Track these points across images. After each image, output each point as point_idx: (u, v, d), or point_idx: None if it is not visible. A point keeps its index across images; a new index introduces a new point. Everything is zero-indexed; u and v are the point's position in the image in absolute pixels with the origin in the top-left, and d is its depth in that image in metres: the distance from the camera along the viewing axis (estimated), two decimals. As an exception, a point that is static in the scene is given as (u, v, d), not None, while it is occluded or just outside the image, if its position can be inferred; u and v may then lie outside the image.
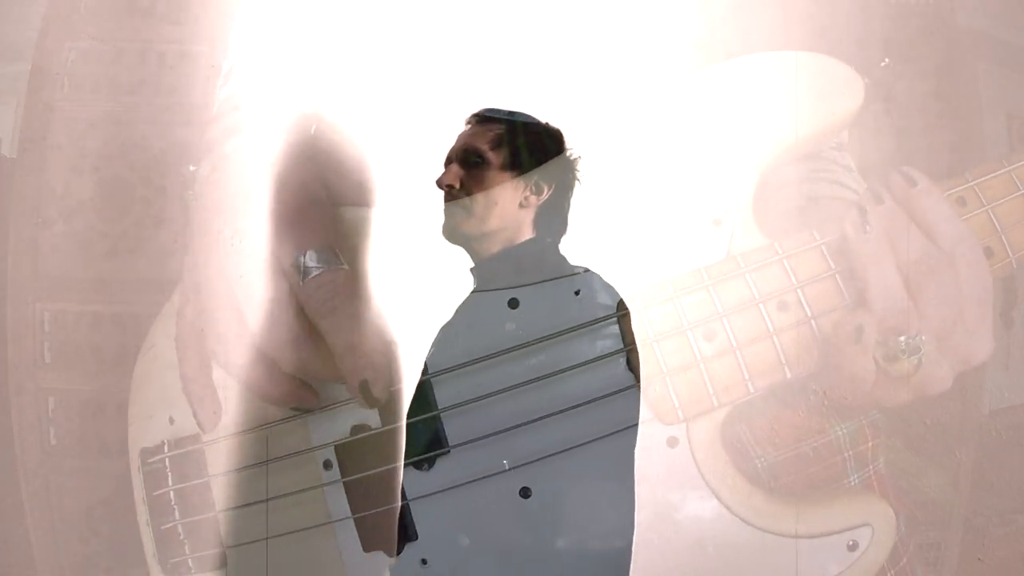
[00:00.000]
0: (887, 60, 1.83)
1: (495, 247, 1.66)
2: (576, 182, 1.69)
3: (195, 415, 1.75)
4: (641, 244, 1.70)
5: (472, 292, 1.66)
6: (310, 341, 1.68)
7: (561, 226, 1.68)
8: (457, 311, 1.65)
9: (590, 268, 1.65)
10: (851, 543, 1.66)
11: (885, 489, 1.77)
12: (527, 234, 1.66)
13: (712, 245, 1.71)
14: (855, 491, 1.74)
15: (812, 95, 1.72)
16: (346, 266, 1.70)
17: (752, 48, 1.76)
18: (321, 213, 1.73)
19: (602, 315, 1.62)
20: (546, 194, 1.66)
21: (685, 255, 1.71)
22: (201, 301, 1.74)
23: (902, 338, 1.65)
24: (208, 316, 1.73)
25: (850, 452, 1.74)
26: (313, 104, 1.78)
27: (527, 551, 1.57)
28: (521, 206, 1.65)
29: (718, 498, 1.66)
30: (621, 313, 1.62)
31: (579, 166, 1.69)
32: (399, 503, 1.64)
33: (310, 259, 1.69)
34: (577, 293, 1.64)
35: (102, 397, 1.95)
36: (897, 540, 1.71)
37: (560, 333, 1.60)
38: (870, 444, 1.76)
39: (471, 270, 1.67)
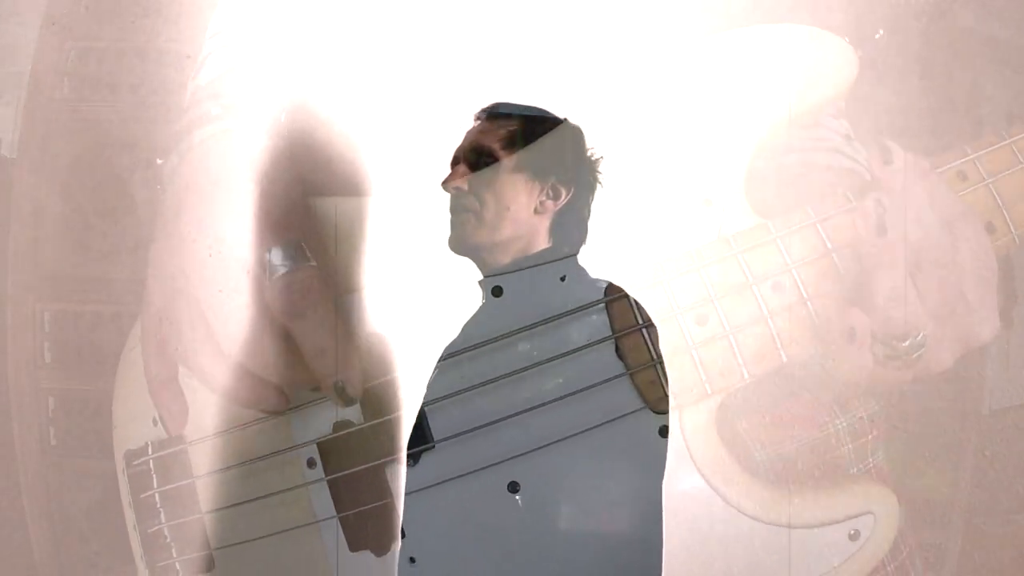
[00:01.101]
0: (881, 31, 1.80)
1: (506, 258, 1.54)
2: (598, 185, 1.57)
3: (161, 419, 1.71)
4: (628, 226, 1.62)
5: (481, 306, 1.57)
6: (276, 342, 1.62)
7: (580, 234, 1.56)
8: (464, 328, 1.56)
9: (613, 282, 1.56)
10: (852, 532, 1.62)
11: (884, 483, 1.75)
12: (542, 243, 1.54)
13: (702, 226, 1.65)
14: (856, 477, 1.71)
15: (803, 69, 1.66)
16: (314, 263, 1.63)
17: (739, 22, 1.70)
18: (290, 206, 1.66)
19: (588, 303, 1.55)
20: (564, 198, 1.54)
21: (674, 237, 1.64)
22: (165, 299, 1.69)
23: (906, 343, 1.63)
24: (172, 314, 1.69)
25: (849, 446, 1.71)
26: (286, 91, 1.73)
27: (518, 546, 1.52)
28: (536, 212, 1.53)
29: (713, 488, 1.61)
30: (612, 297, 1.54)
31: (601, 167, 1.57)
32: (385, 501, 1.61)
33: (275, 256, 1.62)
34: (563, 279, 1.56)
35: (102, 397, 1.94)
36: (897, 536, 1.67)
37: (546, 320, 1.54)
38: (869, 437, 1.72)
39: (480, 283, 1.56)
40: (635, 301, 1.56)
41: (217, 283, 1.64)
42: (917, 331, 1.62)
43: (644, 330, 1.54)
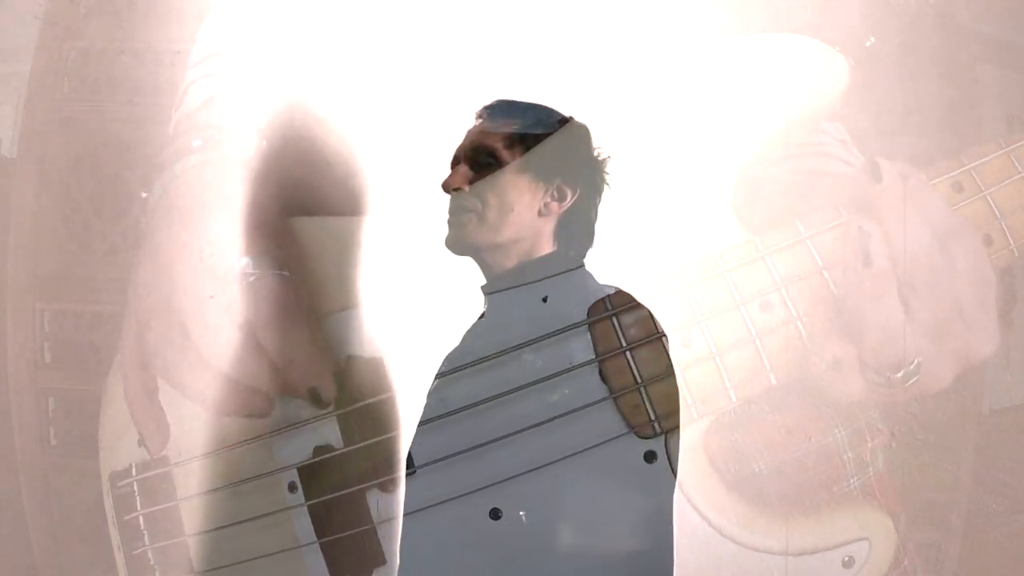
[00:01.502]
0: (872, 39, 1.77)
1: (510, 261, 1.48)
2: (604, 186, 1.51)
3: (142, 439, 1.69)
4: (612, 244, 1.54)
5: (483, 314, 1.52)
6: (254, 350, 1.61)
7: (586, 237, 1.50)
8: (466, 336, 1.50)
9: (621, 287, 1.49)
10: (847, 559, 1.60)
11: (885, 490, 1.73)
12: (547, 247, 1.48)
13: (689, 243, 1.60)
14: (851, 502, 1.67)
15: (794, 80, 1.62)
16: (286, 272, 1.61)
17: (731, 32, 1.68)
18: (266, 223, 1.64)
19: (574, 323, 1.47)
20: (569, 200, 1.48)
21: (659, 255, 1.61)
22: (145, 318, 1.69)
23: (900, 374, 1.60)
24: (151, 331, 1.67)
25: (849, 454, 1.68)
26: (269, 114, 1.71)
27: (499, 573, 1.44)
28: (540, 214, 1.47)
29: (702, 515, 1.57)
30: (596, 319, 1.47)
31: (607, 167, 1.51)
32: (365, 527, 1.58)
33: (246, 264, 1.61)
34: (545, 300, 1.49)
35: (102, 397, 1.95)
36: (897, 542, 1.65)
37: (520, 346, 1.47)
38: (869, 445, 1.70)
39: (482, 288, 1.50)
40: (618, 321, 1.48)
41: (206, 291, 1.64)
42: (912, 359, 1.59)
43: (628, 353, 1.46)
